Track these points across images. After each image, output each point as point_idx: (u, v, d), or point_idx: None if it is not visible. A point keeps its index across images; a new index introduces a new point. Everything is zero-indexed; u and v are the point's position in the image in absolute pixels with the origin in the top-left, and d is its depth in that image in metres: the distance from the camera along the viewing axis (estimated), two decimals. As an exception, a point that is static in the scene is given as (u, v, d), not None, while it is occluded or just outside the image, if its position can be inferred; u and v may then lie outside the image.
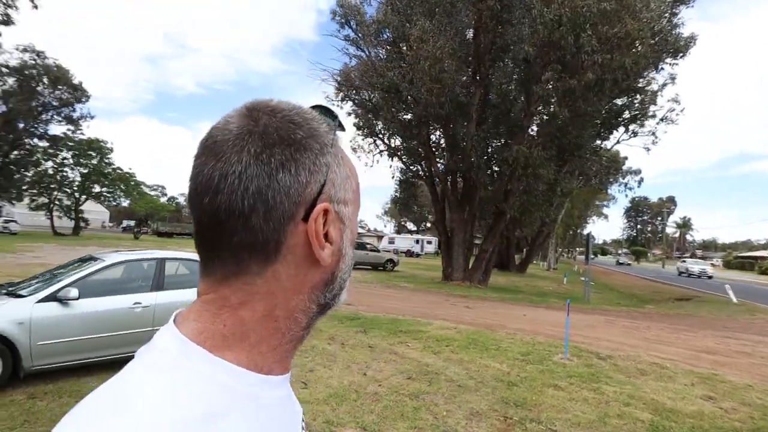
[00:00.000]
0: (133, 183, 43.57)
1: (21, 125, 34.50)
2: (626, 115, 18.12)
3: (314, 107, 0.49)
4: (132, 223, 59.89)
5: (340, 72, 17.07)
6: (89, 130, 43.36)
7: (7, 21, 13.66)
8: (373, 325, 8.34)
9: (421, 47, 11.62)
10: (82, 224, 41.24)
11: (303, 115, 0.46)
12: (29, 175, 37.69)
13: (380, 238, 55.37)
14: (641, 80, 15.99)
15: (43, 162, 37.87)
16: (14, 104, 32.80)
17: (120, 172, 42.37)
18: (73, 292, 4.68)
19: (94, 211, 70.37)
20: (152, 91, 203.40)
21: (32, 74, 33.13)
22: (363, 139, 20.51)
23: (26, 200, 39.07)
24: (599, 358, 6.86)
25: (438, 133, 17.23)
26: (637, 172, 39.52)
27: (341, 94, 17.83)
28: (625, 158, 38.07)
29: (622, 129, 20.07)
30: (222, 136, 0.43)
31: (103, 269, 5.23)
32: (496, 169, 15.70)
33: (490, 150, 15.14)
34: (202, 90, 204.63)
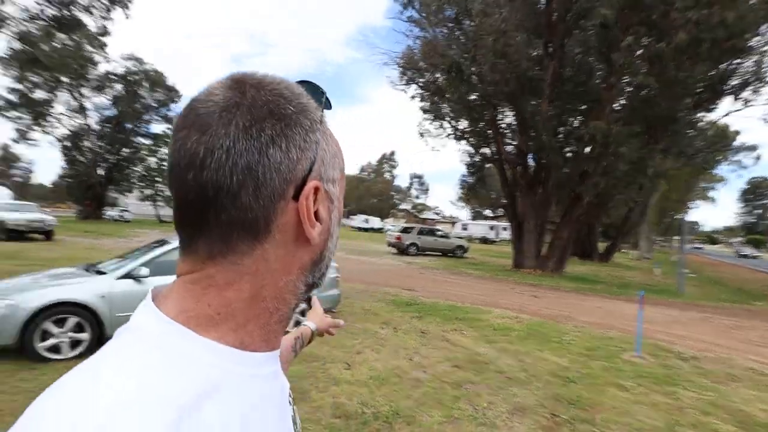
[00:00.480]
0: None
1: (128, 126, 39.15)
2: (734, 81, 15.57)
3: (301, 83, 0.47)
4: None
5: (402, 55, 16.83)
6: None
7: (104, 32, 15.41)
8: (430, 312, 8.22)
9: (484, 21, 10.97)
10: (181, 212, 46.01)
11: (292, 89, 0.44)
12: (138, 169, 42.81)
13: (453, 224, 54.51)
14: (754, 39, 13.57)
15: (147, 158, 42.75)
16: (122, 108, 37.32)
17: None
18: (144, 270, 5.20)
19: (192, 201, 78.30)
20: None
21: (135, 80, 37.33)
22: (430, 123, 20.15)
23: (136, 192, 44.50)
24: (680, 359, 6.08)
25: (506, 112, 16.29)
26: (753, 147, 34.19)
27: (405, 77, 17.62)
28: (737, 132, 33.08)
29: (730, 98, 17.32)
30: (206, 108, 0.41)
31: (171, 251, 5.73)
32: (572, 149, 14.42)
33: (564, 128, 13.92)
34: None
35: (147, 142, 41.83)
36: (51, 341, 4.63)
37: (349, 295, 9.54)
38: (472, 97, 13.92)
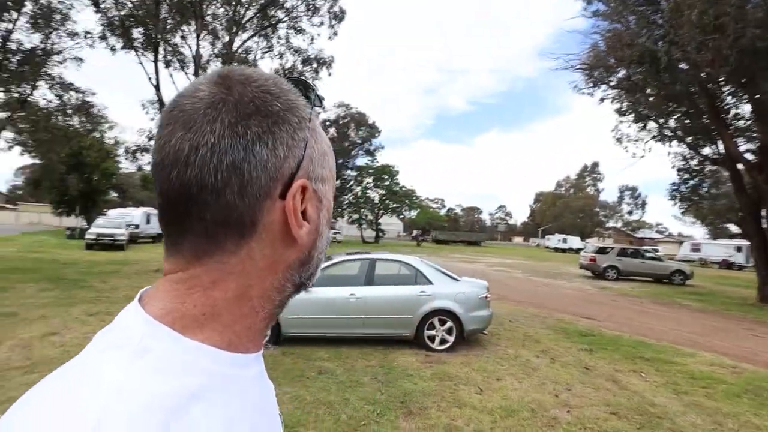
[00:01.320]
0: (414, 198, 51.20)
1: (340, 161, 46.52)
2: None
3: (291, 80, 0.46)
4: (418, 232, 70.03)
5: (586, 54, 15.08)
6: (383, 159, 53.88)
7: (307, 86, 19.17)
8: (607, 346, 6.98)
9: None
10: (381, 234, 51.51)
11: (280, 86, 0.43)
12: (347, 197, 50.29)
13: (681, 244, 44.38)
14: None
15: (354, 187, 49.80)
16: (336, 148, 44.72)
17: (405, 189, 50.70)
18: (307, 281, 6.15)
19: (393, 223, 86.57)
20: (432, 116, 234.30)
21: (345, 122, 44.35)
22: (628, 126, 17.37)
23: (345, 217, 52.15)
24: None
25: (736, 98, 12.46)
26: None
27: (591, 79, 15.69)
28: None
29: None
30: (191, 104, 0.40)
31: (331, 266, 6.61)
32: None
33: None
34: (472, 107, 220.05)
35: (353, 174, 48.88)
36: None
37: (514, 318, 8.96)
38: (678, 87, 11.24)
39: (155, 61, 13.69)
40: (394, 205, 51.36)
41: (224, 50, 15.29)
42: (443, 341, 6.30)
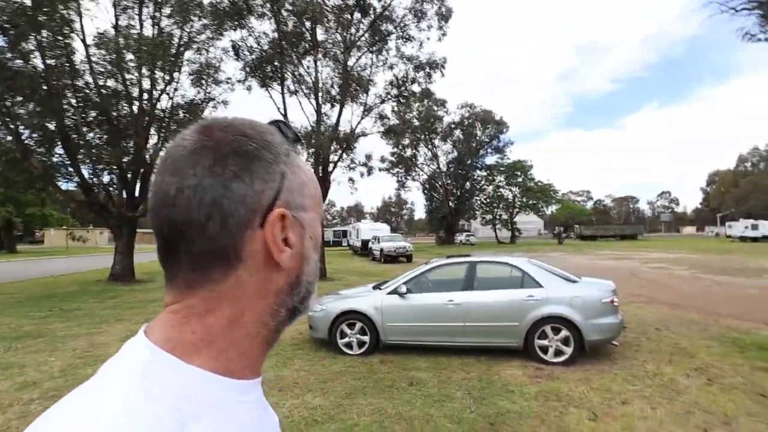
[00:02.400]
0: (551, 192, 47.11)
1: (468, 162, 45.60)
2: None
3: (273, 123, 0.52)
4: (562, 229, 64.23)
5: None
6: (517, 155, 51.02)
7: (429, 95, 18.91)
8: (802, 365, 5.22)
9: None
10: (516, 233, 48.65)
11: (257, 128, 0.48)
12: (479, 198, 48.91)
13: None
14: None
15: (485, 187, 48.18)
16: (462, 148, 43.98)
17: (540, 184, 47.05)
18: (403, 288, 6.05)
19: (532, 222, 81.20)
20: (570, 103, 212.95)
21: (469, 122, 43.38)
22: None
23: (478, 219, 50.76)
24: None
25: None
26: None
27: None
28: None
29: None
30: (177, 153, 0.45)
31: (427, 271, 6.39)
32: None
33: None
34: (619, 85, 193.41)
35: (483, 173, 47.36)
36: (346, 339, 6.11)
37: (664, 325, 7.43)
38: None
39: (282, 92, 15.42)
40: (530, 202, 48.04)
41: (341, 71, 16.33)
42: (559, 353, 5.51)
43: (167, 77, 14.97)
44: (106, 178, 15.90)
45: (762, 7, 10.98)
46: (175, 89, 15.47)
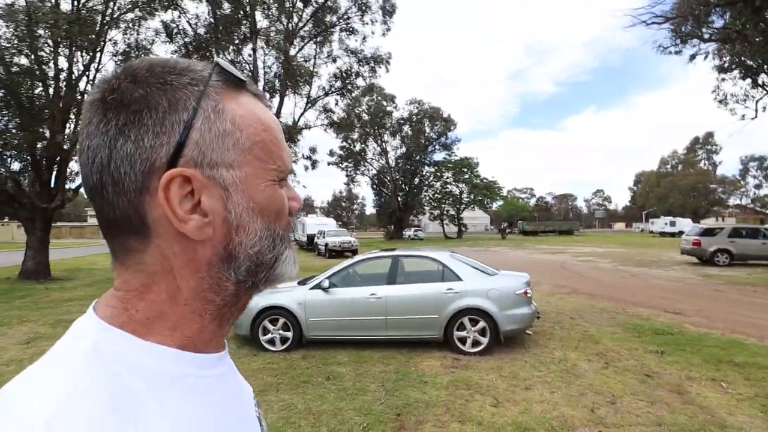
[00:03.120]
0: (496, 189, 48.97)
1: (417, 157, 46.24)
2: None
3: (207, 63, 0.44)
4: (506, 224, 66.89)
5: (673, 4, 12.83)
6: (466, 152, 52.47)
7: (372, 88, 18.89)
8: (687, 347, 5.79)
9: None
10: (463, 229, 50.14)
11: (155, 68, 0.41)
12: (429, 194, 49.75)
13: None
14: None
15: (433, 183, 49.10)
16: (410, 144, 44.50)
17: (486, 181, 48.71)
18: (326, 282, 6.00)
19: (480, 217, 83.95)
20: (518, 103, 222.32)
21: (418, 118, 43.93)
22: (733, 84, 14.64)
23: (427, 214, 51.71)
24: None
25: None
26: None
27: (678, 35, 13.37)
28: None
29: None
30: (84, 108, 0.41)
31: (352, 266, 6.38)
32: None
33: None
34: (561, 88, 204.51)
35: (432, 169, 48.23)
36: (269, 336, 5.97)
37: (579, 314, 7.93)
38: None
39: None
40: (477, 198, 49.55)
41: (283, 61, 15.88)
42: (476, 343, 5.71)
43: (86, 57, 13.82)
44: (16, 166, 14.46)
45: (670, 21, 11.98)
46: (97, 70, 14.31)
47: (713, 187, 64.16)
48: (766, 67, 12.24)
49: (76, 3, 13.42)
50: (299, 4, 15.54)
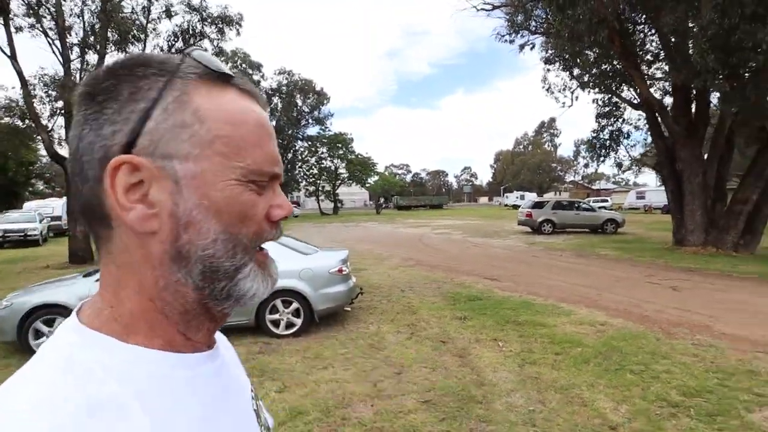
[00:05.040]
0: (370, 165, 49.97)
1: (290, 132, 44.51)
2: None
3: (178, 53, 0.44)
4: (382, 199, 69.01)
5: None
6: (345, 127, 51.83)
7: (219, 52, 17.13)
8: (487, 310, 6.39)
9: None
10: (339, 205, 50.39)
11: (131, 60, 0.41)
12: (303, 169, 48.47)
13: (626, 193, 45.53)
14: None
15: (308, 159, 47.97)
16: (281, 118, 42.52)
17: (360, 157, 49.29)
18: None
19: (358, 193, 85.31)
20: (395, 81, 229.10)
21: (288, 91, 42.05)
22: (556, 75, 16.70)
23: (302, 190, 50.57)
24: None
25: (646, 35, 11.76)
26: None
27: (514, 26, 14.71)
28: None
29: None
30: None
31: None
32: (752, 66, 9.30)
33: (732, 41, 8.97)
34: (435, 69, 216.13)
35: (306, 144, 46.96)
36: (43, 339, 4.95)
37: (410, 286, 8.30)
38: (582, 24, 10.33)
39: (6, 26, 11.67)
40: (353, 174, 49.90)
41: (101, 10, 13.25)
42: (290, 325, 5.51)
43: None
44: None
45: (501, 9, 13.02)
46: None
47: (554, 166, 75.39)
48: (578, 60, 14.16)
49: None
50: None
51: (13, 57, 11.66)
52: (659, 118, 11.81)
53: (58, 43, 12.43)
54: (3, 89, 24.58)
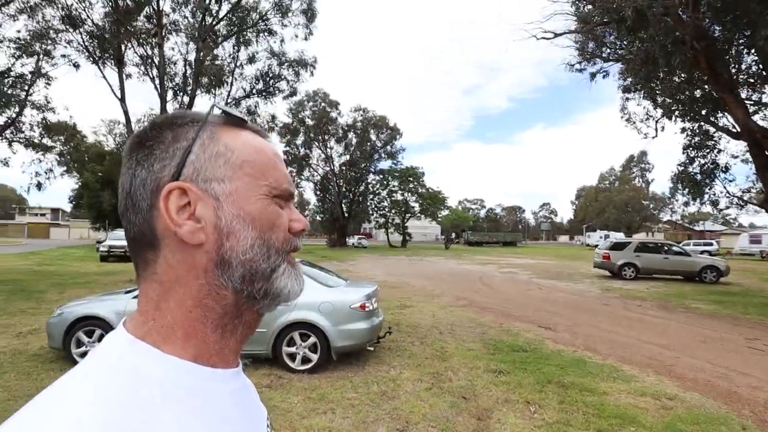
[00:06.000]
0: (440, 199, 49.45)
1: (363, 165, 45.89)
2: None
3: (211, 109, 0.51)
4: (453, 235, 67.58)
5: (577, 17, 13.12)
6: (422, 162, 52.48)
7: (293, 93, 18.26)
8: (529, 365, 5.59)
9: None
10: (408, 238, 50.20)
11: (169, 116, 0.50)
12: (374, 201, 49.43)
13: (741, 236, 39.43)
14: None
15: (380, 191, 48.88)
16: (355, 152, 44.13)
17: (431, 191, 49.11)
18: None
19: (430, 227, 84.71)
20: (472, 117, 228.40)
21: (363, 126, 43.69)
22: (637, 104, 15.27)
23: (372, 222, 51.36)
24: None
25: (745, 56, 10.15)
26: None
27: (585, 54, 13.80)
28: None
29: None
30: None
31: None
32: None
33: None
34: (514, 104, 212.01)
35: (377, 177, 48.00)
36: (83, 349, 5.29)
37: (451, 328, 7.66)
38: (656, 45, 9.19)
39: (120, 74, 13.56)
40: (425, 208, 49.60)
41: (195, 59, 14.96)
42: (306, 360, 5.25)
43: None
44: None
45: (567, 36, 12.26)
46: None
47: (646, 204, 68.21)
48: (656, 87, 12.78)
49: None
50: (213, 4, 14.73)
51: (122, 99, 13.47)
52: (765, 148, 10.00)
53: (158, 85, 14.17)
54: (118, 125, 28.54)
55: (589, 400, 4.42)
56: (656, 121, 14.71)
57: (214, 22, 14.96)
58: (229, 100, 16.87)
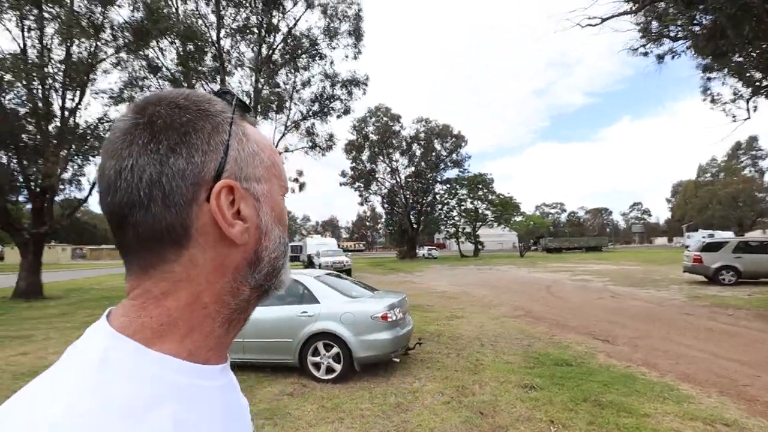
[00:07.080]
0: (512, 204, 47.41)
1: (429, 175, 45.78)
2: None
3: (215, 93, 0.49)
4: (531, 242, 64.19)
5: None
6: (491, 168, 51.37)
7: (347, 110, 19.00)
8: (568, 381, 5.14)
9: None
10: (480, 247, 48.73)
11: (191, 98, 0.46)
12: (443, 211, 48.90)
13: None
14: None
15: (448, 201, 48.26)
16: (420, 162, 44.19)
17: (502, 197, 47.36)
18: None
19: (506, 235, 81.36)
20: (546, 117, 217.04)
21: (427, 136, 43.69)
22: (722, 83, 13.53)
23: (443, 232, 50.72)
24: None
25: None
26: None
27: (649, 35, 12.54)
28: None
29: None
30: (113, 135, 0.44)
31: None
32: None
33: None
34: (592, 99, 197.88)
35: (445, 187, 47.49)
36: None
37: (494, 340, 7.31)
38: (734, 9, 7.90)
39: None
40: (498, 215, 47.92)
41: (254, 90, 16.28)
42: (330, 370, 5.36)
43: (76, 96, 14.85)
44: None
45: (619, 18, 11.24)
46: (85, 108, 15.31)
47: (761, 197, 58.87)
48: (741, 59, 11.18)
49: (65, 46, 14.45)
50: (268, 36, 15.93)
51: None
52: None
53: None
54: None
55: (624, 422, 3.93)
56: (747, 101, 12.85)
57: (270, 52, 16.12)
58: (288, 123, 17.95)
